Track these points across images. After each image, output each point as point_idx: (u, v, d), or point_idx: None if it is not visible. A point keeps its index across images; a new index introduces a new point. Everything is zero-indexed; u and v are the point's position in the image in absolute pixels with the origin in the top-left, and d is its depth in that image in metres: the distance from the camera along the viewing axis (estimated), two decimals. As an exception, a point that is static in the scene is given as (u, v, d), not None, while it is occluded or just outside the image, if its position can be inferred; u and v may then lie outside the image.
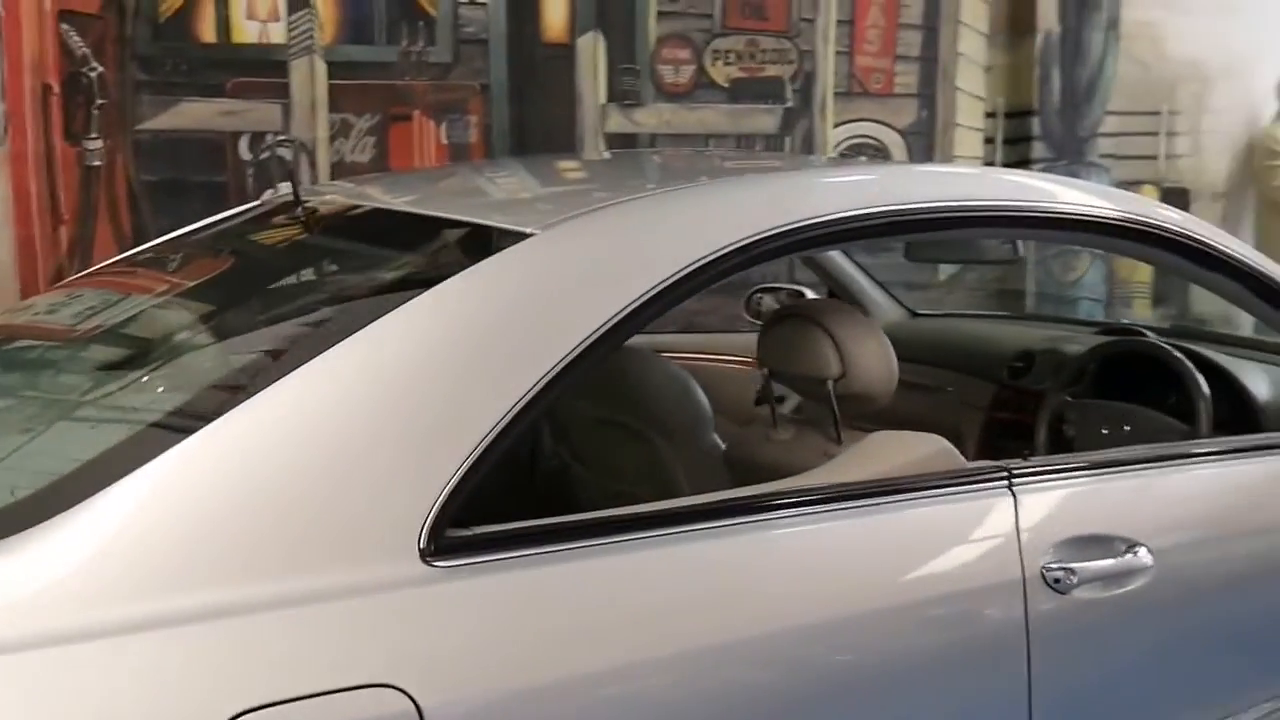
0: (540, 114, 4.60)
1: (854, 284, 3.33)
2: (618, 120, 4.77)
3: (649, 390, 2.22)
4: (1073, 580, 1.76)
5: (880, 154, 5.19)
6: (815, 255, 3.07)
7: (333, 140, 4.18)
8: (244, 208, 2.23)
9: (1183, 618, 1.94)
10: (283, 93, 4.12)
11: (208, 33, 4.00)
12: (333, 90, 4.19)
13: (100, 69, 3.86)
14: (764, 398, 2.16)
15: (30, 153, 3.77)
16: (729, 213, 1.67)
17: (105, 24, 3.86)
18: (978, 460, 1.96)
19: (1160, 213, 2.15)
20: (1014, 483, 1.80)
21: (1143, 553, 1.84)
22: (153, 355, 1.70)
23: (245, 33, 4.05)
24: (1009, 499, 1.78)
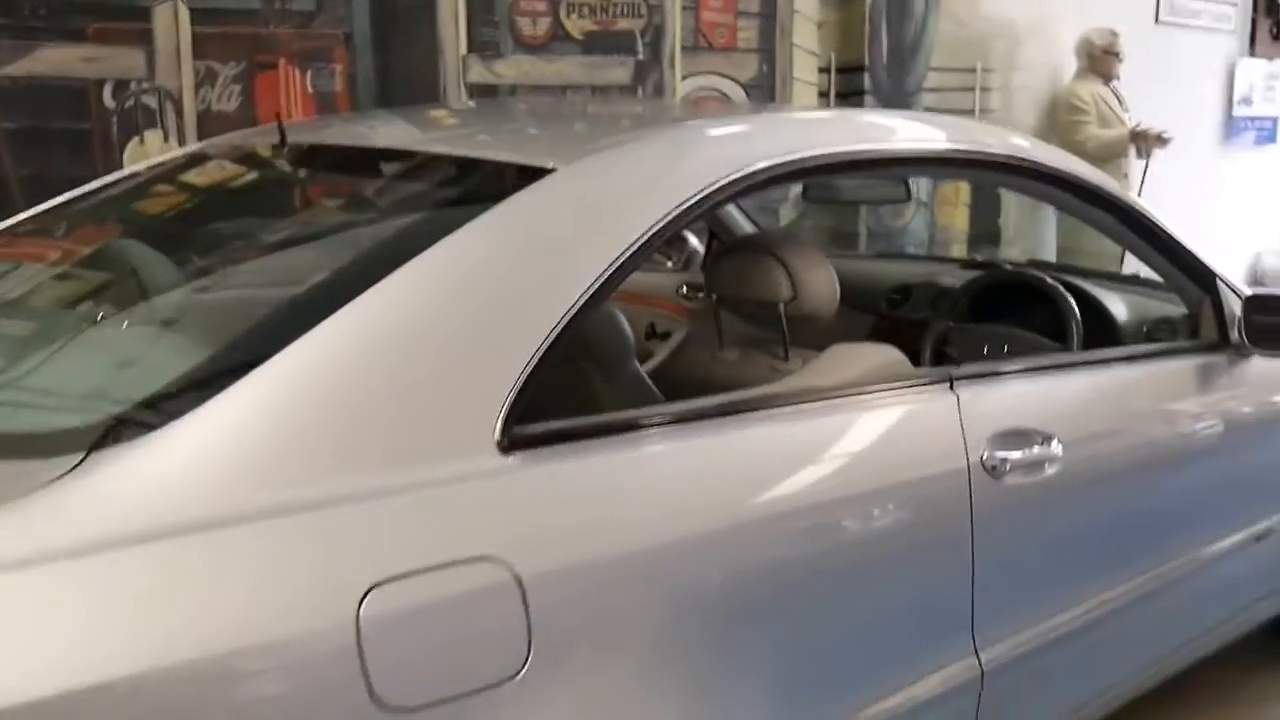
0: (403, 64, 4.61)
1: (737, 227, 3.55)
2: (479, 71, 4.83)
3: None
4: (1006, 467, 2.03)
5: (728, 106, 5.42)
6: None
7: (198, 89, 4.10)
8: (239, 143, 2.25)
9: (1089, 498, 2.25)
10: (146, 39, 4.00)
11: (68, -25, 3.86)
12: (197, 37, 4.09)
13: (-47, 14, 3.68)
14: (718, 323, 2.35)
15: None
16: (737, 145, 1.84)
17: (-43, -34, 3.68)
18: None
19: (1053, 155, 2.46)
20: (955, 385, 2.05)
21: (1055, 444, 2.13)
22: (245, 272, 1.77)
23: (106, -24, 3.93)
24: (953, 398, 2.03)
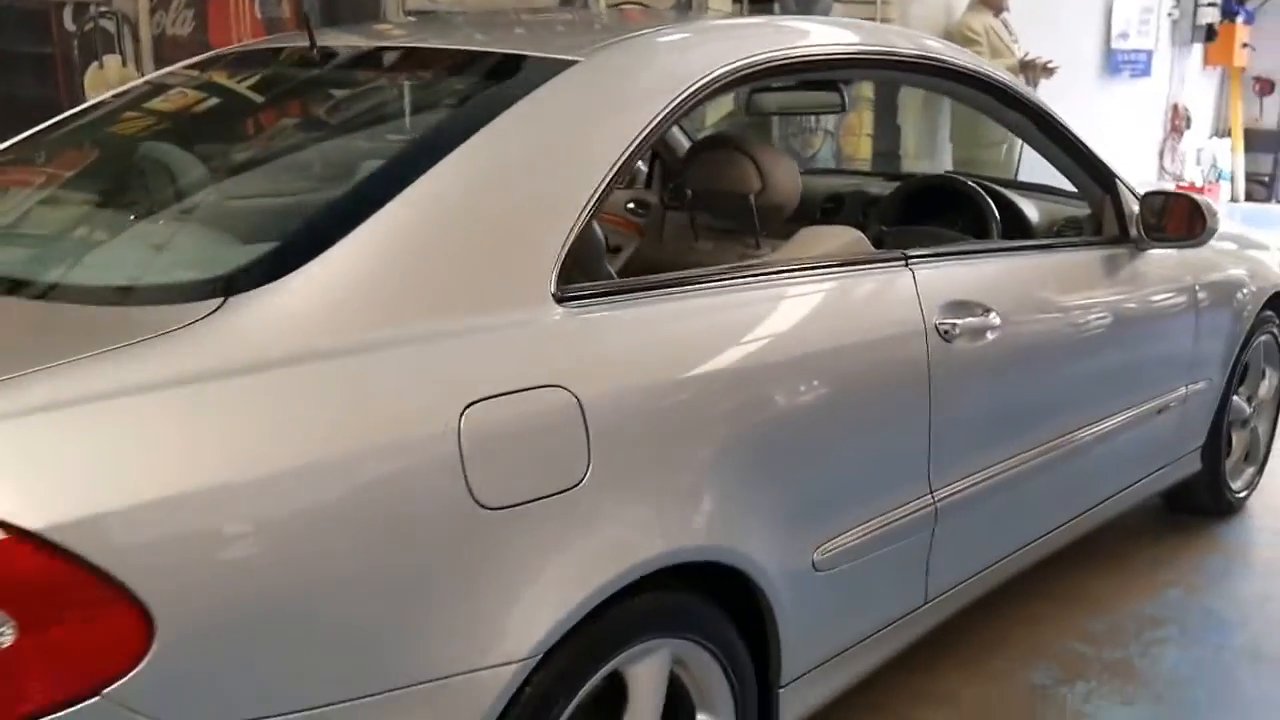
0: (346, -10, 4.76)
1: (679, 146, 3.80)
2: (418, -1, 4.99)
3: None
4: (955, 332, 2.35)
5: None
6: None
7: (153, 13, 4.19)
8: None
9: (1021, 363, 2.59)
10: (103, -38, 4.08)
11: (29, -101, 3.92)
12: (151, -39, 4.19)
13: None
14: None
15: None
16: (728, 43, 2.10)
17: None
18: None
19: (981, 64, 2.78)
20: (910, 262, 2.35)
21: (993, 315, 2.45)
22: (330, 149, 1.98)
23: (67, -100, 3.99)
24: (909, 273, 2.33)
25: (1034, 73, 6.99)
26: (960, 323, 2.36)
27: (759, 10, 6.09)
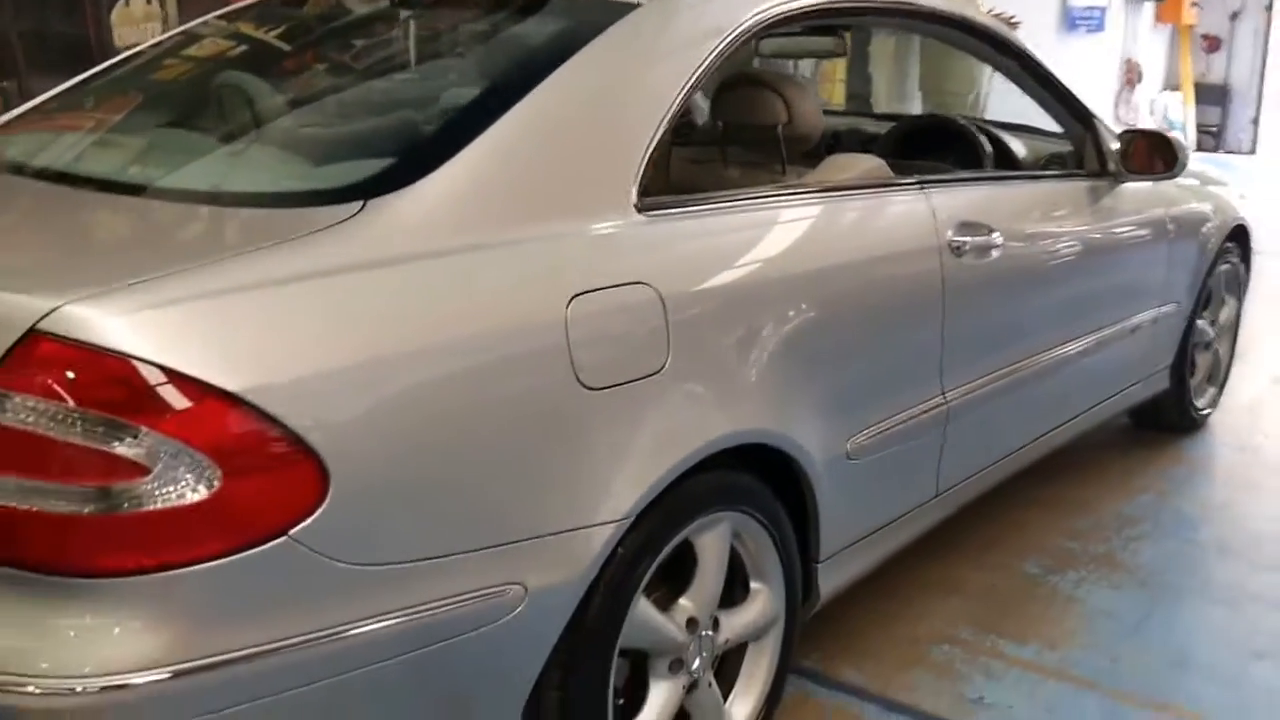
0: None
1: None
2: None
3: None
4: (965, 248, 2.60)
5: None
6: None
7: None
8: None
9: (1019, 279, 2.86)
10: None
11: None
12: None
13: None
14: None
15: None
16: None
17: None
18: None
19: (979, 15, 3.05)
20: (925, 187, 2.60)
21: (996, 235, 2.70)
22: (439, 70, 2.19)
23: None
24: (924, 196, 2.57)
25: (998, 26, 7.24)
26: (969, 240, 2.61)
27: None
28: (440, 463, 1.63)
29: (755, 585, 2.22)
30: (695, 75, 2.11)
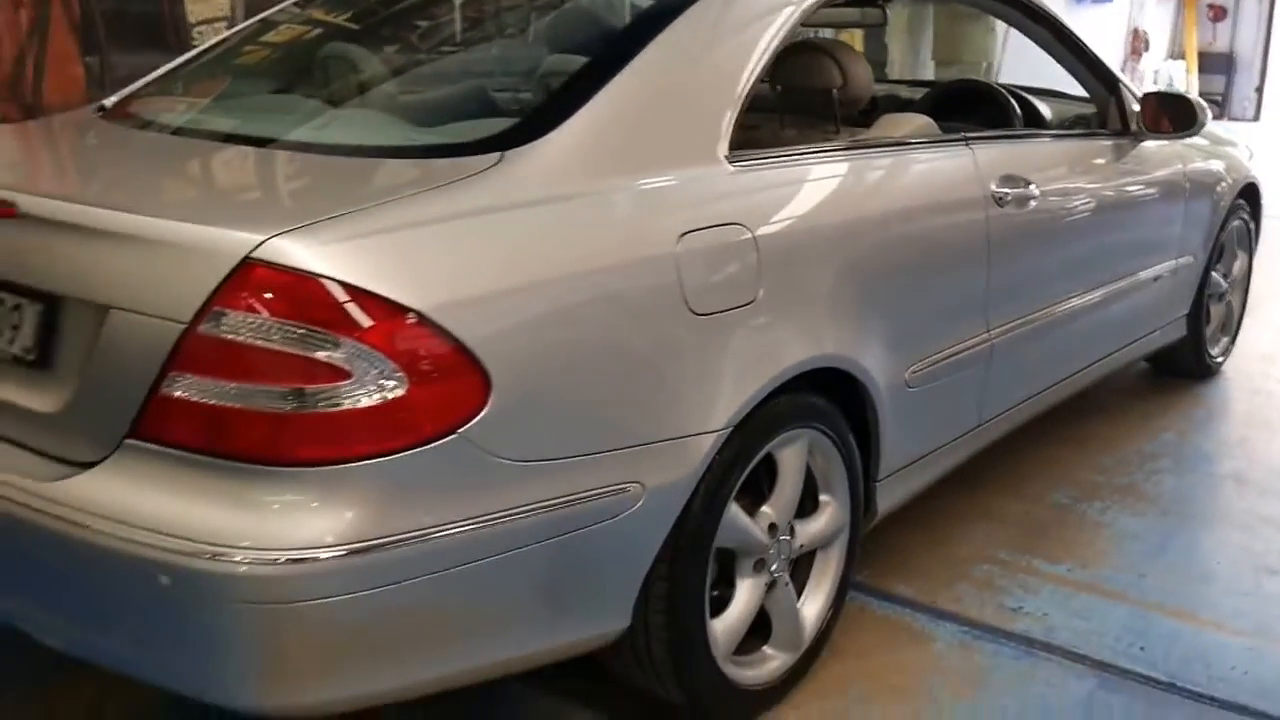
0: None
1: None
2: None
3: None
4: (1007, 199, 2.85)
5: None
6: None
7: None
8: None
9: (1052, 228, 3.11)
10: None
11: None
12: None
13: None
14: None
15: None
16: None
17: None
18: None
19: None
20: (969, 143, 2.85)
21: (1033, 187, 2.95)
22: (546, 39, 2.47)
23: None
24: (970, 151, 2.83)
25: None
26: (1010, 191, 2.86)
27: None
28: (578, 375, 1.89)
29: (824, 498, 2.48)
30: (774, 40, 2.36)
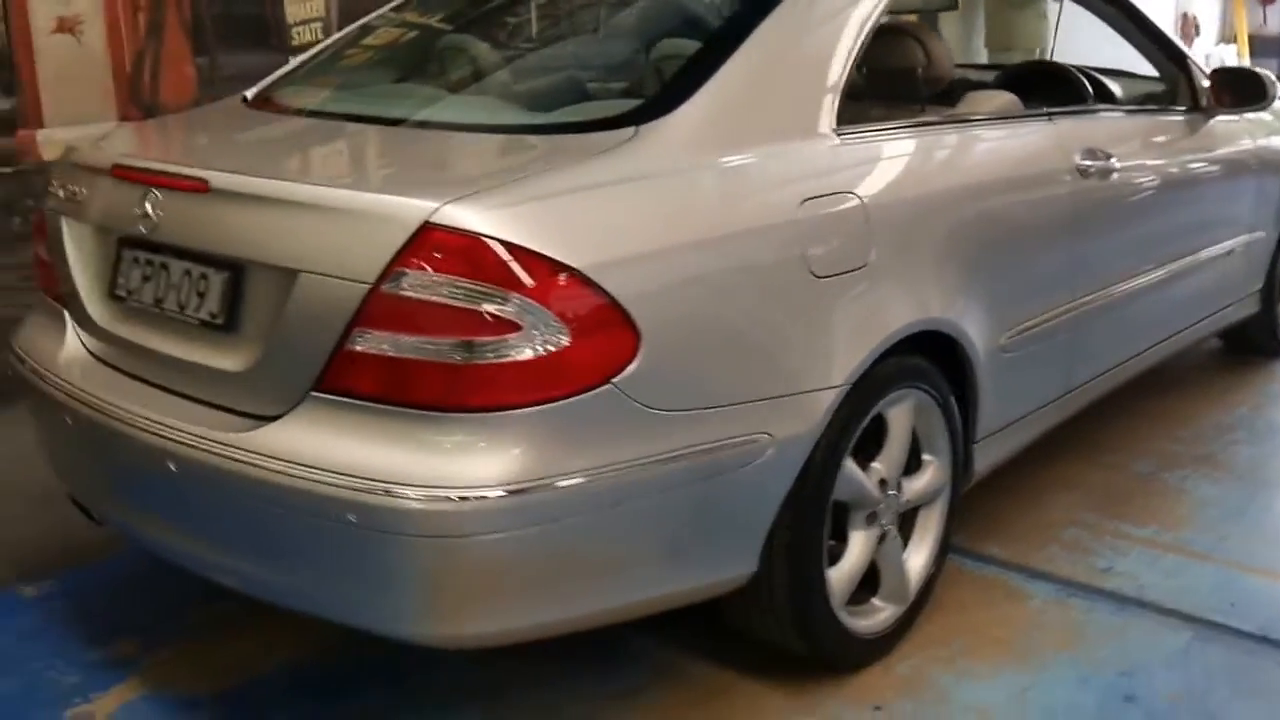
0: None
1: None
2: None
3: None
4: (1091, 171, 2.98)
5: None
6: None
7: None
8: None
9: (1131, 200, 3.23)
10: None
11: None
12: None
13: None
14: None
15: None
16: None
17: None
18: None
19: None
20: (1053, 118, 2.98)
21: (1114, 160, 3.07)
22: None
23: None
24: (1054, 126, 2.96)
25: (1062, -16, 7.53)
26: (1094, 164, 2.99)
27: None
28: (714, 331, 2.04)
29: (926, 457, 2.61)
30: (871, 21, 2.51)
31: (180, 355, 2.16)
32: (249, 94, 2.85)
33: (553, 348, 1.84)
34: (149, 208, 2.16)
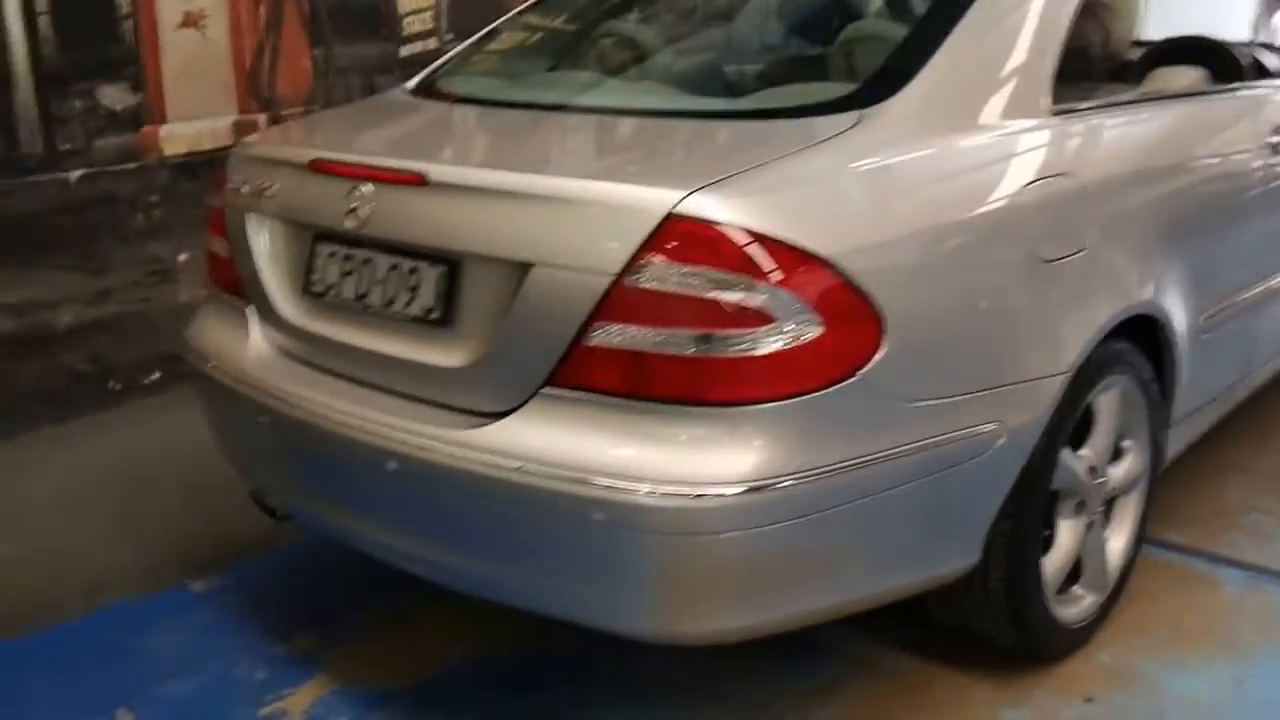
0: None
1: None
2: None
3: None
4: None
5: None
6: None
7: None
8: None
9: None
10: None
11: None
12: None
13: None
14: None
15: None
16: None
17: None
18: None
19: None
20: (1238, 93, 2.88)
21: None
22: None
23: None
24: (1240, 101, 2.88)
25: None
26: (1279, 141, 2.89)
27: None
28: (952, 318, 1.98)
29: (1126, 444, 2.53)
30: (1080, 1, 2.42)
31: (387, 351, 2.12)
32: (410, 84, 2.81)
33: (804, 339, 1.78)
34: (356, 202, 2.12)
